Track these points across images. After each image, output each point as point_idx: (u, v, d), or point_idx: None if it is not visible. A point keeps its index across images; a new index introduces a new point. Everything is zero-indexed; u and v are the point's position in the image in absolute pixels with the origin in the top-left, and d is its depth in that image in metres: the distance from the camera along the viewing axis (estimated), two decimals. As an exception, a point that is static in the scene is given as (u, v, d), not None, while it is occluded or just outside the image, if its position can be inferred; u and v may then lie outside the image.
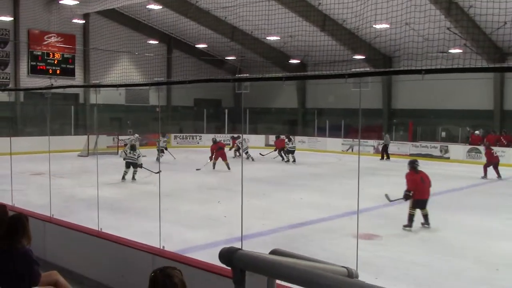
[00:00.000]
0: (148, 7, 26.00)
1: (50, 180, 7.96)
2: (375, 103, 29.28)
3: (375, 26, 21.26)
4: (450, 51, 20.60)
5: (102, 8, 25.23)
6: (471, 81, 21.29)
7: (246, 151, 22.33)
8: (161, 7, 25.95)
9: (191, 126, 33.49)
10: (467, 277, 7.25)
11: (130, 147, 16.59)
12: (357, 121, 28.05)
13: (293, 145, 22.68)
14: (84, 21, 29.35)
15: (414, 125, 28.94)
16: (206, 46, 31.76)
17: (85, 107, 30.16)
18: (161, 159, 20.80)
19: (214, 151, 19.37)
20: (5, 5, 26.25)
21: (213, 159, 19.28)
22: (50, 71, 28.48)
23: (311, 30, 22.93)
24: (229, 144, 25.43)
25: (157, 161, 20.78)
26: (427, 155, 25.36)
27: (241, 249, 3.09)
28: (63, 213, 8.06)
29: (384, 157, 24.73)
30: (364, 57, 27.42)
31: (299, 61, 30.47)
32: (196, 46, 31.50)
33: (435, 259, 7.95)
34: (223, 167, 18.94)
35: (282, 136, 23.71)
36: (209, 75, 28.56)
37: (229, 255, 3.04)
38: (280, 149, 23.32)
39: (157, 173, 15.54)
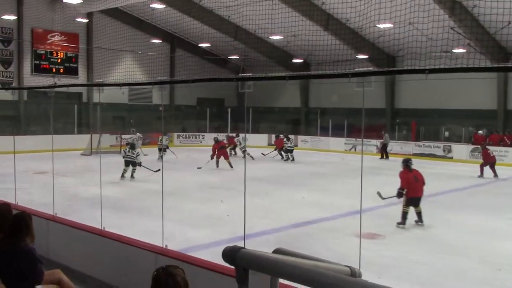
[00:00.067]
0: (151, 6, 26.03)
1: (54, 179, 7.97)
2: (378, 103, 29.24)
3: (378, 25, 21.21)
4: (454, 50, 20.55)
5: (106, 7, 25.28)
6: (474, 81, 21.22)
7: (244, 149, 22.64)
8: (165, 6, 25.98)
9: (194, 125, 33.50)
10: (470, 277, 7.23)
11: (130, 145, 16.87)
12: (360, 120, 28.02)
13: (291, 145, 23.21)
14: (87, 20, 29.40)
15: (417, 125, 28.87)
16: (209, 45, 31.80)
17: (88, 106, 30.23)
18: (164, 158, 20.93)
19: (216, 150, 19.71)
20: (9, 4, 26.31)
21: (216, 158, 19.54)
22: (54, 70, 28.55)
23: (315, 29, 22.90)
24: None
25: (158, 160, 20.92)
26: (430, 155, 25.32)
27: (244, 248, 3.09)
28: (66, 212, 8.08)
29: (384, 156, 24.70)
30: (368, 56, 27.37)
31: (302, 60, 30.44)
32: (199, 45, 31.53)
33: (438, 259, 7.94)
34: (225, 165, 19.20)
35: (281, 135, 24.10)
36: (212, 74, 28.56)
37: (232, 254, 3.04)
38: (280, 148, 23.70)
39: (156, 171, 15.69)
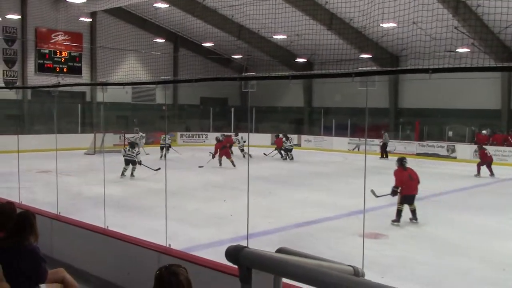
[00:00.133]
0: (155, 5, 26.05)
1: (57, 178, 8.00)
2: (381, 102, 29.20)
3: (382, 25, 21.18)
4: (458, 50, 20.47)
5: (109, 6, 25.30)
6: (478, 81, 21.12)
7: (242, 148, 22.91)
8: (168, 5, 26.00)
9: (197, 124, 33.53)
10: (473, 277, 7.22)
11: (130, 144, 17.12)
12: (364, 120, 27.97)
13: (290, 144, 23.60)
14: (91, 20, 29.46)
15: (421, 125, 28.81)
16: (213, 44, 31.82)
17: (92, 105, 30.28)
18: (165, 157, 21.06)
19: (219, 149, 19.98)
20: (13, 3, 26.38)
21: (218, 157, 19.78)
22: (57, 69, 28.62)
23: (318, 28, 22.88)
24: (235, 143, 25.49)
25: (161, 158, 21.05)
26: (433, 155, 25.27)
27: (247, 247, 3.10)
28: (69, 211, 8.10)
29: (383, 155, 24.64)
30: (371, 56, 27.33)
31: (306, 60, 30.40)
32: (202, 44, 31.53)
33: (442, 259, 7.93)
34: (228, 164, 19.43)
35: (281, 135, 24.43)
36: (215, 73, 28.57)
37: (235, 253, 3.05)
38: (280, 147, 24.08)
39: (156, 170, 15.80)
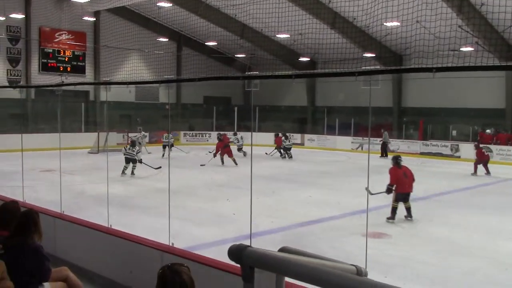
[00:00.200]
0: (158, 4, 26.07)
1: (61, 177, 8.02)
2: (385, 101, 29.14)
3: (385, 24, 21.12)
4: (462, 49, 20.42)
5: (113, 5, 25.36)
6: (482, 80, 21.11)
7: (241, 147, 23.13)
8: (171, 4, 26.03)
9: (200, 123, 33.54)
10: (477, 277, 7.20)
11: (130, 143, 17.25)
12: (367, 119, 27.92)
13: (289, 143, 23.92)
14: (94, 19, 29.49)
15: (425, 124, 28.75)
16: (216, 43, 31.82)
17: (95, 105, 30.34)
18: (166, 155, 21.13)
19: (220, 148, 20.16)
20: (17, 2, 26.45)
21: (220, 156, 19.94)
22: (61, 68, 28.68)
23: (321, 27, 22.84)
24: (232, 142, 25.50)
25: (164, 157, 21.16)
26: (437, 154, 25.22)
27: (250, 246, 3.10)
28: (73, 210, 8.11)
29: (383, 154, 24.59)
30: (375, 55, 27.27)
31: (309, 59, 30.37)
32: (206, 43, 31.55)
33: (445, 259, 7.92)
34: (230, 162, 19.67)
35: (280, 134, 24.69)
36: (218, 72, 28.60)
37: (238, 252, 3.05)
38: (279, 146, 24.37)
39: (157, 169, 15.86)
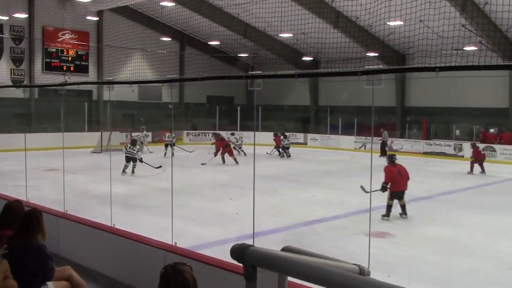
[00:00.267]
0: (161, 4, 26.10)
1: (64, 176, 8.03)
2: (388, 101, 29.09)
3: (388, 23, 21.09)
4: (465, 48, 20.37)
5: (116, 5, 25.38)
6: (486, 79, 21.05)
7: (240, 147, 23.23)
8: (174, 4, 26.04)
9: (203, 123, 33.55)
10: (480, 276, 7.19)
11: (131, 142, 17.41)
12: (370, 118, 27.90)
13: (288, 142, 24.10)
14: (97, 18, 29.56)
15: (428, 123, 28.69)
16: (219, 43, 31.83)
17: (98, 104, 30.40)
18: (168, 155, 21.18)
19: (221, 147, 20.32)
20: (20, 2, 26.50)
21: (221, 155, 20.08)
22: (64, 68, 28.74)
23: (324, 27, 22.80)
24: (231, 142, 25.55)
25: (165, 156, 21.20)
26: (440, 153, 25.16)
27: (253, 245, 3.10)
28: (76, 209, 8.12)
29: (383, 154, 24.53)
30: (378, 54, 27.23)
31: (312, 58, 30.35)
32: (208, 43, 31.55)
33: (448, 258, 7.90)
34: (232, 161, 19.87)
35: (279, 133, 24.82)
36: (221, 72, 28.57)
37: (241, 251, 3.05)
38: (278, 145, 24.53)
39: (157, 168, 15.89)
